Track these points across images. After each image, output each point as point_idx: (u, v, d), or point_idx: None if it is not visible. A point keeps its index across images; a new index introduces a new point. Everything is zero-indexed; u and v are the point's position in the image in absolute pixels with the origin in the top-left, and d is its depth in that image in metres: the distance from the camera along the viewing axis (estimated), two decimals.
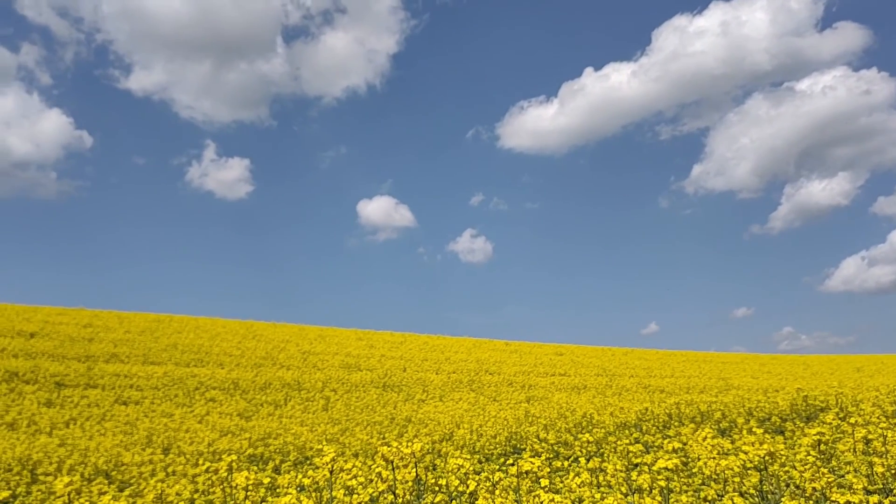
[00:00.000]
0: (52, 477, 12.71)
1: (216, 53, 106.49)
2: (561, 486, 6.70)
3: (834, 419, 8.73)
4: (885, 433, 6.91)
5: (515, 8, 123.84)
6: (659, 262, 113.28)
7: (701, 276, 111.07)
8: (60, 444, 15.14)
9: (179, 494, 8.77)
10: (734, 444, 7.81)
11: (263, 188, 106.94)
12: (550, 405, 24.57)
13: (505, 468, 5.63)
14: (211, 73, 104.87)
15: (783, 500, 5.49)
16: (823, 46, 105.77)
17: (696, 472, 7.12)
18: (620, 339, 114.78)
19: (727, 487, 6.51)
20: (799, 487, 5.91)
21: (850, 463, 6.87)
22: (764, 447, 5.92)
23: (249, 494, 5.60)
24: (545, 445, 14.18)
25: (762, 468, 6.18)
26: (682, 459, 6.23)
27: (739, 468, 6.22)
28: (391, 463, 5.83)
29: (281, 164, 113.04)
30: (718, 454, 6.83)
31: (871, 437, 7.00)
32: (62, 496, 5.92)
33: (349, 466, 6.56)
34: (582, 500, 5.92)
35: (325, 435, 17.99)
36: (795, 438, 10.11)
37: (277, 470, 13.65)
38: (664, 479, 5.54)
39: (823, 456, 6.35)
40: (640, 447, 6.59)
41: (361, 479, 6.19)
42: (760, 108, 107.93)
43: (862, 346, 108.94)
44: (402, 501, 5.87)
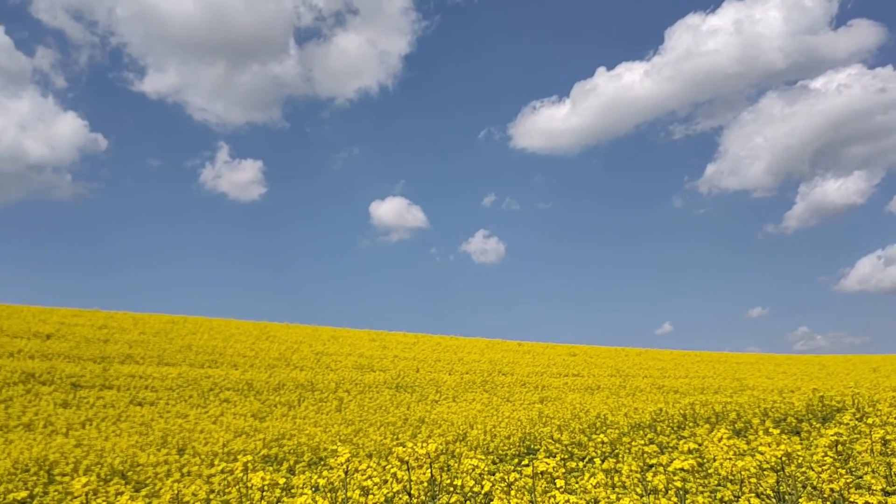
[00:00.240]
0: (68, 477, 12.81)
1: (229, 56, 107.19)
2: (576, 486, 6.68)
3: (851, 420, 8.66)
4: None
5: (527, 8, 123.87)
6: (673, 262, 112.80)
7: (715, 275, 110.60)
8: (77, 444, 15.25)
9: (195, 495, 8.81)
10: (750, 444, 7.76)
11: (276, 189, 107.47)
12: (564, 406, 24.51)
13: (519, 469, 5.62)
14: (224, 75, 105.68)
15: (800, 501, 5.45)
16: (838, 44, 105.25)
17: (711, 472, 7.08)
18: (634, 339, 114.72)
19: (744, 488, 6.47)
20: (816, 488, 5.87)
21: (867, 464, 6.81)
22: (781, 448, 5.88)
23: (265, 495, 5.63)
24: (559, 446, 14.14)
25: (779, 469, 6.14)
26: (697, 460, 6.19)
27: (756, 469, 6.18)
28: (406, 463, 5.84)
29: (294, 165, 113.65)
30: (734, 455, 6.79)
31: (888, 437, 6.94)
32: (80, 496, 5.96)
33: (364, 467, 6.57)
34: (597, 500, 5.89)
35: (338, 436, 18.03)
36: (812, 439, 10.03)
37: (292, 470, 13.69)
38: (680, 479, 5.52)
39: (841, 457, 6.30)
40: (654, 448, 6.57)
41: (377, 479, 6.19)
42: (774, 106, 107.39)
43: (878, 346, 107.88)
44: (417, 502, 5.88)
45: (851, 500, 5.25)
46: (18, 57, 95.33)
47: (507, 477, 5.44)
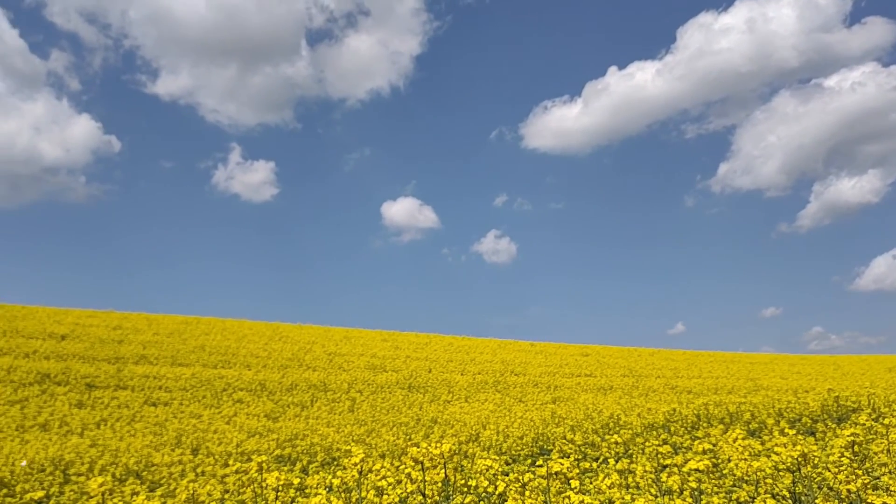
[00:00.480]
0: (84, 477, 12.91)
1: (241, 57, 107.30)
2: (590, 487, 6.67)
3: (867, 420, 8.59)
4: None
5: (538, 8, 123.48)
6: (685, 261, 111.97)
7: (728, 275, 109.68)
8: (92, 444, 15.36)
9: (210, 495, 8.86)
10: (765, 445, 7.71)
11: (288, 190, 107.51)
12: (577, 406, 24.45)
13: (533, 469, 5.61)
14: (236, 76, 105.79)
15: (817, 502, 5.42)
16: (852, 42, 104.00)
17: (726, 473, 7.04)
18: (647, 339, 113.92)
19: (759, 489, 6.43)
20: (833, 489, 5.83)
21: (884, 464, 6.76)
22: (797, 448, 5.84)
23: (280, 495, 5.64)
24: (572, 447, 14.10)
25: (795, 470, 6.10)
26: (712, 461, 6.16)
27: (772, 470, 6.14)
28: (420, 464, 5.84)
29: (306, 166, 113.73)
30: (750, 455, 6.75)
31: None
32: (95, 496, 5.99)
33: (377, 467, 6.58)
34: (612, 501, 5.88)
35: (351, 436, 18.07)
36: (827, 440, 9.96)
37: (305, 471, 13.73)
38: (695, 480, 5.49)
39: (857, 457, 6.25)
40: (668, 448, 6.53)
41: (391, 479, 6.20)
42: (788, 105, 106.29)
43: (893, 345, 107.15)
44: (431, 502, 5.88)
45: (868, 501, 5.21)
46: (33, 60, 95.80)
47: (521, 477, 5.43)
